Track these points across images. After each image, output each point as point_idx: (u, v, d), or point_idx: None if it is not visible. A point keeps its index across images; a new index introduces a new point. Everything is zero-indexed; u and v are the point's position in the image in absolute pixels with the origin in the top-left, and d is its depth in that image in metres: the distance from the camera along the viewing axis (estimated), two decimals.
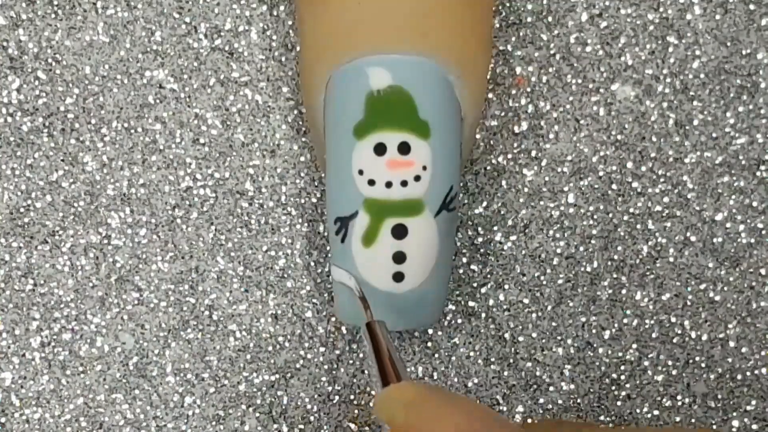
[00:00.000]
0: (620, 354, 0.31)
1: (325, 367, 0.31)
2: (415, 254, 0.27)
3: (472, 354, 0.31)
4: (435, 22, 0.26)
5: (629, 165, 0.31)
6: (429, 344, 0.31)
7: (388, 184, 0.27)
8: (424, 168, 0.27)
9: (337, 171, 0.27)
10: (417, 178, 0.27)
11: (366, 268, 0.27)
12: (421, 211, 0.27)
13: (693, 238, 0.31)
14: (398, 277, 0.27)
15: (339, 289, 0.28)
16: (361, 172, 0.27)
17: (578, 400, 0.31)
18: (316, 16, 0.27)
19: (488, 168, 0.31)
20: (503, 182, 0.31)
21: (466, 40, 0.27)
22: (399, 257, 0.27)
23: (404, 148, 0.26)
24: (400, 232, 0.27)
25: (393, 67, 0.26)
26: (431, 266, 0.27)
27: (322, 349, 0.31)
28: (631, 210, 0.31)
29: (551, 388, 0.31)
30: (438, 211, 0.27)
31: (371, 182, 0.27)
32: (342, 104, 0.27)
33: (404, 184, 0.27)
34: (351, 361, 0.31)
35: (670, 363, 0.31)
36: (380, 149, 0.26)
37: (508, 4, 0.31)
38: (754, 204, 0.31)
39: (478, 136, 0.31)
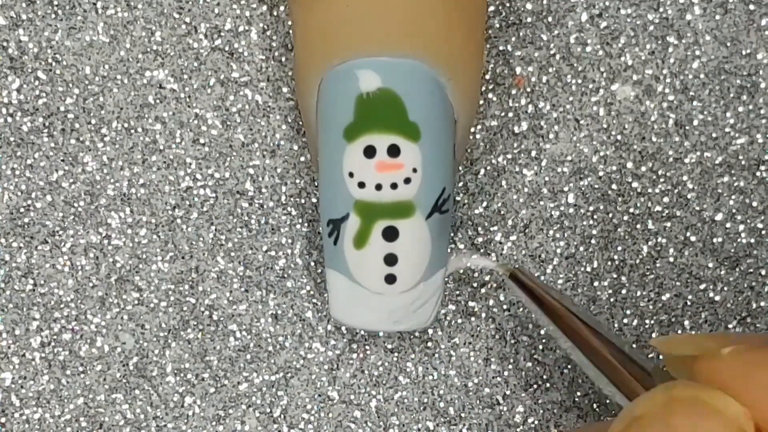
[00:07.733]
0: None
1: (325, 367, 0.31)
2: (406, 256, 0.27)
3: (472, 354, 0.31)
4: (424, 24, 0.26)
5: (629, 165, 0.31)
6: (429, 344, 0.31)
7: (378, 187, 0.27)
8: (414, 170, 0.27)
9: (329, 173, 0.27)
10: (407, 181, 0.27)
11: (358, 270, 0.27)
12: (412, 213, 0.27)
13: (693, 238, 0.31)
14: (390, 279, 0.27)
15: (333, 289, 0.28)
16: (351, 175, 0.27)
17: (578, 400, 0.31)
18: (307, 19, 0.27)
19: (488, 168, 0.31)
20: (503, 182, 0.31)
21: (457, 42, 0.27)
22: (390, 259, 0.27)
23: (394, 151, 0.26)
24: (390, 234, 0.27)
25: (382, 69, 0.26)
26: (424, 268, 0.27)
27: (322, 349, 0.31)
28: (631, 210, 0.31)
29: (551, 388, 0.31)
30: (429, 213, 0.27)
31: (361, 185, 0.27)
32: (332, 107, 0.27)
33: (394, 186, 0.27)
34: (351, 362, 0.31)
35: None
36: (370, 152, 0.26)
37: (508, 4, 0.31)
38: (754, 204, 0.31)
39: (478, 136, 0.31)
